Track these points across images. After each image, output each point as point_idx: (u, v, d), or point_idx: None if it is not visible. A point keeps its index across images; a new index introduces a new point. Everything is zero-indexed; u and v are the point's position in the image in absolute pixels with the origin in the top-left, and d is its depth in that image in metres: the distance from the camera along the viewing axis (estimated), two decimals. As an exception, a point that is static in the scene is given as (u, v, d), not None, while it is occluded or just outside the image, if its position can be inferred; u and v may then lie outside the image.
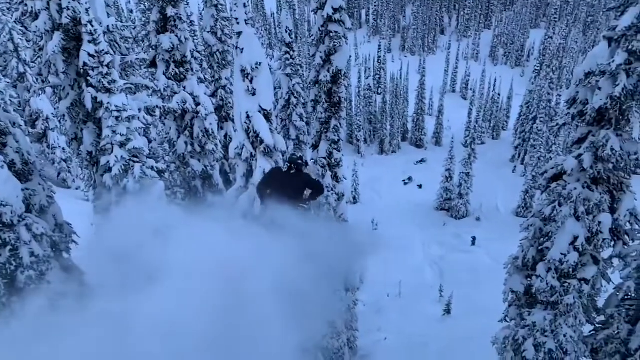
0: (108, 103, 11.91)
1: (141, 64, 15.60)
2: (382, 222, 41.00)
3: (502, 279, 14.34)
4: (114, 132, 11.84)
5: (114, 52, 13.95)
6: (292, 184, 7.98)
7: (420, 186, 52.12)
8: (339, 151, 18.74)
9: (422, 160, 60.36)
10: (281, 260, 6.48)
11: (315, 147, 18.94)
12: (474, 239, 38.33)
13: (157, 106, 14.78)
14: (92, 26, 11.72)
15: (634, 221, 11.52)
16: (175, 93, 15.24)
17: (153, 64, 15.48)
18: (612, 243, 11.89)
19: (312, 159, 19.34)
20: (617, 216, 11.48)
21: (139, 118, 12.78)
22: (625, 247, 11.92)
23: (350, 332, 19.47)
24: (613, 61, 10.33)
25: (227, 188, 16.29)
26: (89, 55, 11.86)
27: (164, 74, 15.21)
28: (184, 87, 15.48)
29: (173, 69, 15.16)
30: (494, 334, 14.94)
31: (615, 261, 12.36)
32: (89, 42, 11.78)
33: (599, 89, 10.69)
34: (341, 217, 20.09)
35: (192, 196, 17.07)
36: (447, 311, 27.25)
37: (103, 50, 12.00)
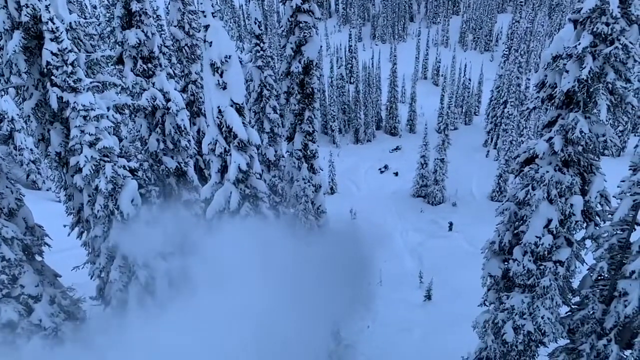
0: (75, 102, 11.55)
1: (107, 61, 15.17)
2: (361, 211, 41.15)
3: (480, 263, 14.53)
4: (82, 131, 11.49)
5: (78, 49, 13.51)
6: None
7: (396, 174, 52.48)
8: (314, 142, 18.65)
9: (397, 148, 60.71)
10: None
11: (290, 139, 18.81)
12: (450, 224, 38.83)
13: (126, 104, 14.41)
14: (54, 24, 11.31)
15: (604, 202, 11.78)
16: (145, 90, 14.86)
17: (120, 60, 15.04)
18: (584, 225, 12.16)
19: (288, 152, 19.21)
20: (588, 198, 11.72)
21: (107, 117, 12.45)
22: (597, 228, 12.19)
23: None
24: (579, 44, 10.47)
25: (203, 184, 16.05)
26: (52, 53, 11.46)
27: (131, 70, 14.80)
28: (153, 83, 15.10)
29: (141, 65, 14.77)
30: (474, 318, 15.18)
31: (588, 242, 12.64)
32: (51, 40, 11.37)
33: (567, 72, 10.84)
34: (319, 208, 20.05)
35: (166, 194, 16.77)
36: (428, 297, 27.58)
37: (66, 48, 11.60)
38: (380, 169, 54.15)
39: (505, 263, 13.67)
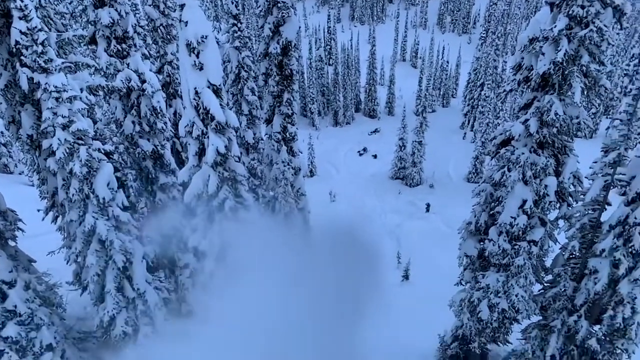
0: (46, 83, 11.19)
1: (80, 41, 14.68)
2: (340, 193, 41.32)
3: (457, 243, 14.81)
4: (54, 114, 11.16)
5: (49, 28, 13.07)
6: None
7: (375, 156, 52.68)
8: (293, 125, 18.55)
9: (376, 131, 60.83)
10: None
11: (268, 121, 18.66)
12: (428, 205, 39.29)
13: (100, 85, 14.02)
14: (22, 1, 10.88)
15: (577, 183, 12.07)
16: (119, 71, 14.49)
17: (93, 40, 14.61)
18: (558, 205, 12.46)
19: (267, 134, 19.07)
20: (562, 179, 11.99)
21: (81, 98, 12.09)
22: (570, 208, 12.52)
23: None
24: (555, 26, 10.58)
25: (180, 168, 15.87)
26: (21, 32, 11.04)
27: (105, 51, 14.39)
28: (128, 64, 14.73)
29: (115, 46, 14.37)
30: (451, 297, 15.51)
31: (561, 222, 12.98)
32: (20, 18, 10.95)
33: (543, 54, 10.96)
34: (299, 191, 20.07)
35: (143, 178, 16.53)
36: (406, 277, 27.97)
37: (36, 27, 11.19)
38: (359, 152, 54.26)
39: (481, 243, 13.94)
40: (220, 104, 10.26)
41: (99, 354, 14.91)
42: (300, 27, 79.12)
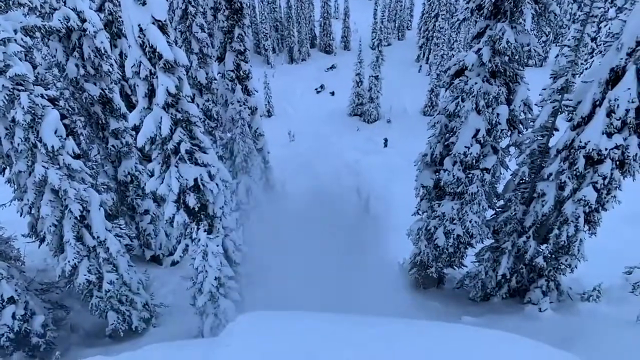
0: (-27, 26, 10.30)
1: (7, -23, 13.45)
2: (298, 133, 41.16)
3: (414, 175, 15.19)
4: (-14, 58, 10.37)
5: (-31, -37, 11.86)
6: None
7: (332, 93, 52.27)
8: (247, 62, 17.96)
9: (332, 67, 59.99)
10: None
11: (220, 59, 17.98)
12: (385, 140, 39.82)
13: (35, 25, 13.00)
14: None
15: (527, 110, 12.43)
16: (55, 9, 13.42)
17: (22, -24, 13.40)
18: (509, 133, 12.86)
19: (220, 73, 18.43)
20: (513, 107, 12.30)
21: (15, 40, 11.23)
22: (520, 135, 12.95)
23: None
24: (507, -48, 10.46)
25: (131, 112, 15.27)
26: (-64, -32, 9.99)
27: (36, -13, 13.27)
28: (65, 2, 13.67)
29: (47, -19, 13.26)
30: (409, 226, 16.10)
31: (512, 149, 13.46)
32: None
33: (495, -19, 10.90)
34: (257, 131, 19.79)
35: (93, 124, 15.87)
36: (365, 210, 28.79)
37: (-47, -39, 10.13)
38: (316, 89, 53.66)
39: (437, 174, 14.36)
40: (168, 42, 9.73)
41: (65, 303, 14.90)
42: (248, -42, 74.66)
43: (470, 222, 13.78)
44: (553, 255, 13.63)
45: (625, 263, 13.38)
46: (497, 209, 14.71)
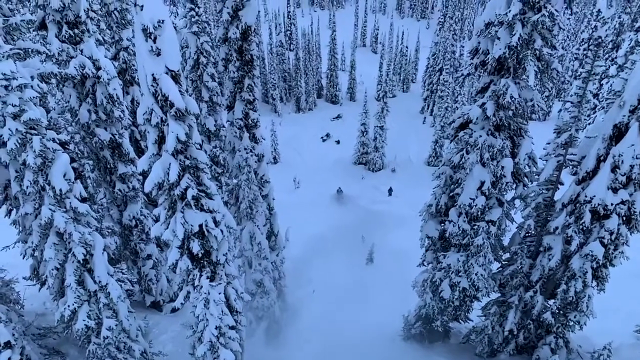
0: (-8, 72, 10.64)
1: (29, 26, 13.99)
2: (304, 180, 41.41)
3: (419, 225, 15.12)
4: (4, 102, 10.64)
5: (-6, 13, 12.41)
6: None
7: (338, 142, 52.92)
8: (255, 111, 18.31)
9: (338, 116, 61.01)
10: None
11: (230, 108, 18.35)
12: (390, 189, 39.91)
13: (52, 72, 13.43)
14: (-38, -16, 10.28)
15: (531, 164, 12.51)
16: (72, 57, 13.90)
17: (43, 26, 13.93)
18: (514, 185, 12.89)
19: (228, 121, 18.78)
20: (518, 160, 12.39)
21: (32, 86, 11.57)
22: (525, 188, 12.98)
23: (278, 289, 19.77)
24: (509, 11, 10.84)
25: (139, 157, 15.46)
26: (-38, 17, 10.44)
27: (56, 36, 13.76)
28: (81, 50, 14.16)
29: (66, 31, 13.76)
30: (414, 277, 15.88)
31: (517, 202, 13.46)
32: (-39, 2, 10.35)
33: (498, 38, 11.23)
34: (262, 178, 19.92)
35: (101, 168, 16.07)
36: (370, 259, 28.49)
37: (-21, 11, 10.61)
38: (322, 138, 54.36)
39: (442, 224, 14.29)
40: (180, 91, 10.01)
41: (62, 349, 14.57)
42: (259, 12, 77.82)
43: (476, 274, 13.58)
44: (561, 311, 13.33)
45: (636, 321, 13.08)
46: (503, 262, 14.54)
